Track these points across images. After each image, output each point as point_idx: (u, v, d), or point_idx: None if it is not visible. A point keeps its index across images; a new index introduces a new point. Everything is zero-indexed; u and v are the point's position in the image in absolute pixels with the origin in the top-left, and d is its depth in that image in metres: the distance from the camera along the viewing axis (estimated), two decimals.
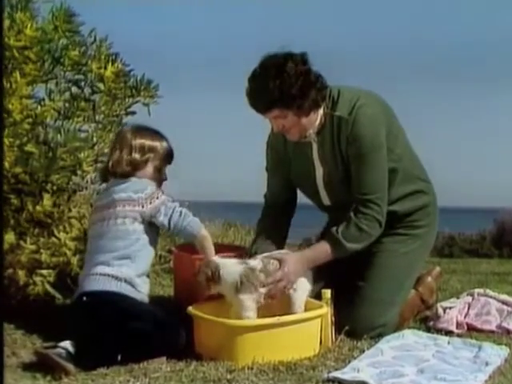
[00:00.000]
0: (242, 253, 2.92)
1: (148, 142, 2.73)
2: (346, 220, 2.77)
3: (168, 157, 2.80)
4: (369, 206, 2.77)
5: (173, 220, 2.64)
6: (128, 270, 2.59)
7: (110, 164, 2.72)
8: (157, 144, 2.75)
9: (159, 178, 2.77)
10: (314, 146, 2.91)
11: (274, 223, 3.06)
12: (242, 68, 2.83)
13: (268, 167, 3.12)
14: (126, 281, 2.58)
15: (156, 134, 2.79)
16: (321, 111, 2.83)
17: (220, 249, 2.96)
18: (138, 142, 2.72)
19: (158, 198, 2.64)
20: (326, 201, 2.99)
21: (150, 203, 2.63)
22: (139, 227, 2.64)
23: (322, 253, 2.79)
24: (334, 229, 2.78)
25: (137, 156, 2.70)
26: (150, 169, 2.73)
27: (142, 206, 2.63)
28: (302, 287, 2.72)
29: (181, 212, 2.65)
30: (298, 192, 3.13)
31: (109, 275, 2.57)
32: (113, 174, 2.72)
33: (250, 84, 2.75)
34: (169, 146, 2.80)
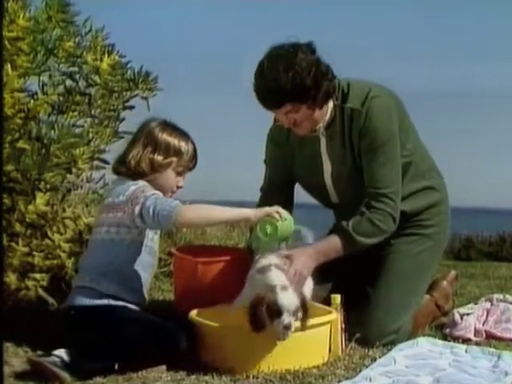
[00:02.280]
0: (246, 255, 2.91)
1: (175, 143, 2.66)
2: (359, 214, 2.78)
3: (191, 163, 2.73)
4: (383, 200, 2.78)
5: (147, 219, 2.48)
6: (113, 285, 2.58)
7: (129, 159, 2.63)
8: (184, 147, 2.67)
9: (175, 186, 2.69)
10: (323, 141, 2.91)
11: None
12: (243, 63, 2.81)
13: (267, 161, 3.12)
14: (112, 296, 2.58)
15: (184, 136, 2.71)
16: (330, 104, 2.84)
17: (221, 251, 2.97)
18: (165, 139, 2.65)
19: (137, 196, 2.53)
20: (334, 199, 3.00)
21: (132, 204, 2.53)
22: (127, 237, 2.58)
23: (332, 246, 2.77)
24: (345, 222, 2.78)
25: (160, 158, 2.63)
26: (169, 173, 2.66)
27: (124, 212, 2.55)
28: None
29: (154, 208, 2.46)
30: (303, 191, 3.13)
31: (93, 289, 2.57)
32: (129, 171, 2.64)
33: (259, 79, 2.72)
34: (195, 151, 2.72)
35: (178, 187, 2.72)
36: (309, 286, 2.73)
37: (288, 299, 2.43)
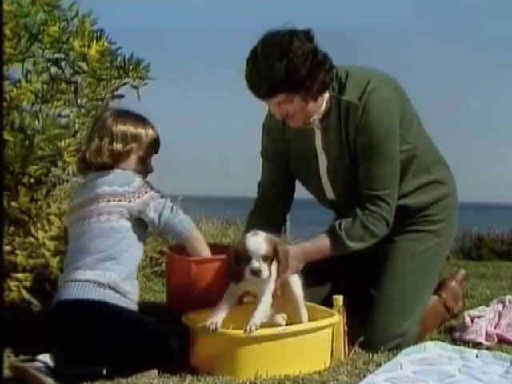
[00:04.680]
0: None
1: (131, 130, 2.72)
2: (352, 216, 2.78)
3: (154, 146, 2.79)
4: (377, 203, 2.78)
5: (163, 216, 2.66)
6: (112, 273, 2.60)
7: (88, 154, 2.70)
8: (141, 132, 2.74)
9: (144, 170, 2.76)
10: (318, 134, 2.90)
11: (267, 216, 3.04)
12: (240, 52, 2.80)
13: (263, 153, 3.12)
14: (110, 286, 2.58)
15: (140, 121, 2.77)
16: (326, 95, 2.83)
17: (216, 249, 2.96)
18: (120, 129, 2.71)
19: (146, 191, 2.66)
20: (330, 195, 3.00)
21: (138, 197, 2.64)
22: (126, 224, 2.65)
23: (320, 249, 2.80)
24: (338, 224, 2.79)
25: (119, 146, 2.69)
26: (133, 160, 2.73)
27: (130, 201, 2.64)
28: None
29: (172, 208, 2.68)
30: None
31: (90, 281, 2.57)
32: (92, 165, 2.70)
33: (251, 66, 2.72)
34: (155, 133, 2.79)
35: (147, 172, 2.80)
36: (297, 284, 2.74)
37: (256, 243, 2.54)
